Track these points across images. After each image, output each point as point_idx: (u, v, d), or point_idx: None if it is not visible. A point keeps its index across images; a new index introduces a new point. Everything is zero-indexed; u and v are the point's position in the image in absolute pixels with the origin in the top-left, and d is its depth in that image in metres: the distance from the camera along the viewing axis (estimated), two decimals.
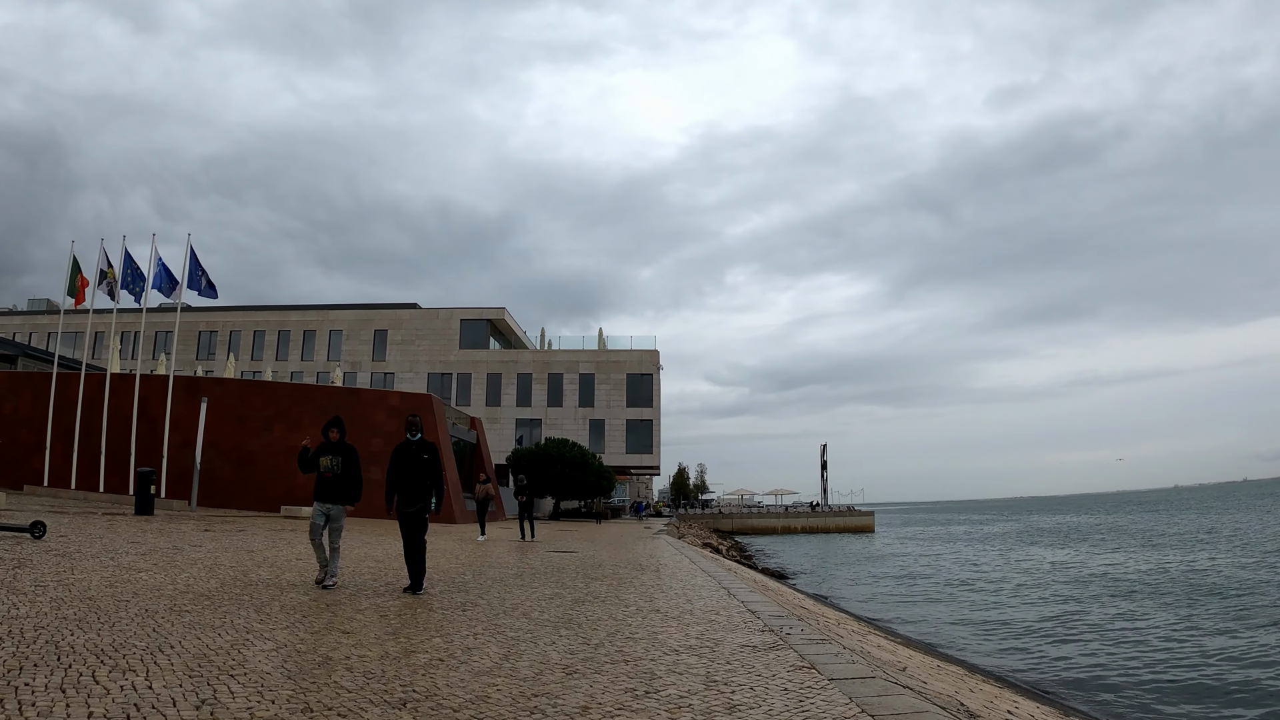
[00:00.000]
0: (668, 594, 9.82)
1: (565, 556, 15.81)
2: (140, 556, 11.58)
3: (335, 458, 9.29)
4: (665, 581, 11.38)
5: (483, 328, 64.84)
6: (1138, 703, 11.04)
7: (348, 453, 9.40)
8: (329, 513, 9.21)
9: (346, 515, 9.43)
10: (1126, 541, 46.34)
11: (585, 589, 10.03)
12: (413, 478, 9.12)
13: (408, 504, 9.15)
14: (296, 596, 8.31)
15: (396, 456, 9.24)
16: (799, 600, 13.75)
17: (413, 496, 9.14)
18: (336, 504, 9.27)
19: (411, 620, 7.24)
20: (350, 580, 10.11)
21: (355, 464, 9.39)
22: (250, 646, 5.75)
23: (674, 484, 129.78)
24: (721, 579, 12.03)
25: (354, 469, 9.35)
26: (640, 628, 7.18)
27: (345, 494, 9.29)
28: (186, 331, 67.32)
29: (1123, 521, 77.59)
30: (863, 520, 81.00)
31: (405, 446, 9.26)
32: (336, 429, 9.53)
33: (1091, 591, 23.50)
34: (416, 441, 9.30)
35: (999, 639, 15.90)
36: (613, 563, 14.62)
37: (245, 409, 34.86)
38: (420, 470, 9.14)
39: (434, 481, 9.31)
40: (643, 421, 62.88)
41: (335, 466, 9.25)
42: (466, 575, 11.37)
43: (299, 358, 65.29)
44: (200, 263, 31.42)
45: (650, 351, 64.26)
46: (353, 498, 9.35)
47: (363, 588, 9.43)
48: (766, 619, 7.86)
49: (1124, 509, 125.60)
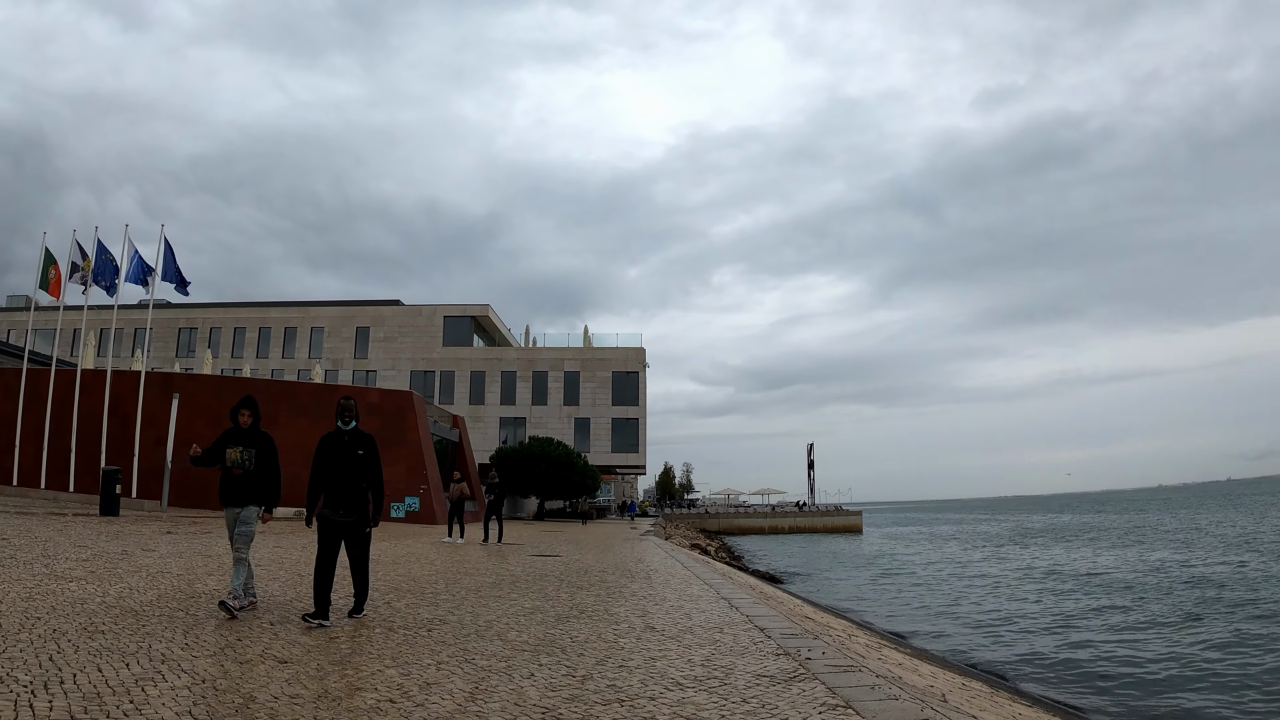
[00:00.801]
0: (663, 606, 8.78)
1: (548, 561, 14.75)
2: (80, 563, 10.47)
3: (246, 449, 7.44)
4: (658, 591, 10.35)
5: (466, 325, 63.63)
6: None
7: (262, 443, 7.60)
8: (238, 515, 7.41)
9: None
10: (1115, 540, 45.74)
11: (570, 601, 8.97)
12: (343, 478, 7.31)
13: (336, 512, 7.27)
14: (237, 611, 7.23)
15: (323, 451, 7.42)
16: (801, 610, 12.75)
17: (343, 501, 7.28)
18: (245, 506, 7.42)
19: (366, 644, 6.17)
20: (307, 594, 9.00)
21: (271, 456, 7.60)
22: (159, 682, 4.69)
23: (660, 484, 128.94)
24: (719, 587, 11.02)
25: (270, 463, 7.56)
26: (635, 652, 6.15)
27: (258, 493, 7.42)
28: (166, 328, 65.91)
29: (1110, 521, 77.22)
30: (850, 520, 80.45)
31: (334, 438, 7.47)
32: (248, 411, 7.62)
33: (1090, 592, 22.74)
34: (350, 432, 7.50)
35: (1007, 645, 15.01)
36: (600, 568, 13.58)
37: (221, 406, 33.32)
38: (353, 468, 7.34)
39: (372, 483, 7.51)
40: (628, 420, 61.83)
41: (246, 460, 7.39)
42: (439, 584, 10.29)
43: (280, 355, 63.92)
44: (174, 257, 30.25)
45: (636, 349, 63.21)
46: (268, 498, 7.53)
47: None
48: (779, 638, 6.84)
49: (1109, 509, 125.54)
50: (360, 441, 7.50)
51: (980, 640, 15.96)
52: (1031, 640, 15.74)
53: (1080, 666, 13.27)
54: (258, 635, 6.25)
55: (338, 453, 7.36)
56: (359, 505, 7.37)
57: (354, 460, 7.36)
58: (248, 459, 7.39)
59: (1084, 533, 57.83)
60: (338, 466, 7.31)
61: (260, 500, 7.46)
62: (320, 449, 7.45)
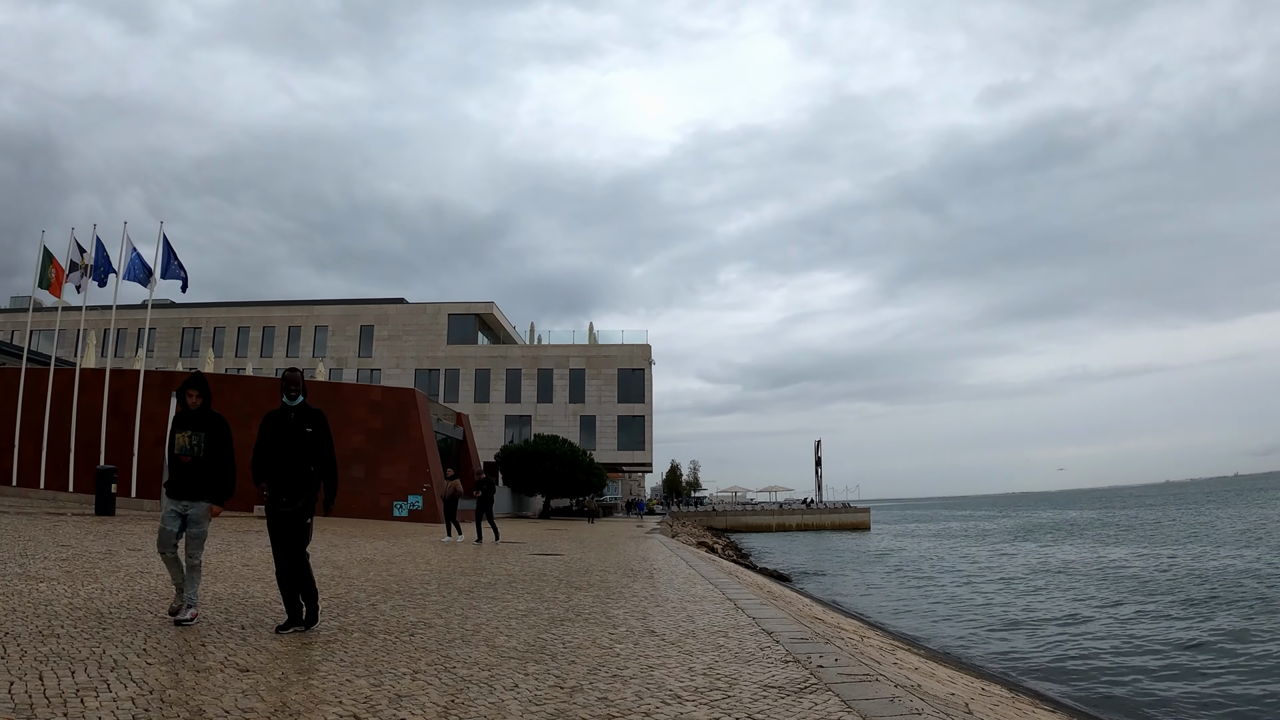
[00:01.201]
0: (664, 608, 8.29)
1: (549, 560, 14.28)
2: (58, 563, 10.03)
3: (196, 434, 6.47)
4: (660, 591, 9.86)
5: (471, 323, 63.23)
6: None
7: (213, 426, 6.60)
8: (186, 513, 6.42)
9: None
10: (1122, 536, 45.07)
11: (567, 603, 8.49)
12: (288, 460, 6.39)
13: (280, 499, 6.40)
14: (206, 614, 6.77)
15: (267, 430, 6.51)
16: (811, 609, 12.25)
17: (287, 487, 6.38)
18: (196, 500, 6.44)
19: (339, 651, 5.70)
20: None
21: (225, 442, 6.58)
22: (102, 692, 4.23)
23: (667, 481, 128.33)
24: (724, 587, 10.53)
25: (222, 450, 6.54)
26: (631, 659, 5.66)
27: (209, 487, 6.46)
28: (169, 328, 65.77)
29: (1119, 517, 76.45)
30: (858, 517, 79.88)
31: (280, 416, 6.54)
32: (196, 391, 6.64)
33: (1107, 588, 22.18)
34: (297, 408, 6.56)
35: (1020, 643, 14.49)
36: (601, 567, 13.10)
37: (220, 405, 32.96)
38: (299, 449, 6.42)
39: (322, 467, 6.58)
40: (635, 417, 61.35)
41: (196, 446, 6.42)
42: (430, 585, 9.82)
43: (284, 354, 63.63)
44: (175, 253, 29.90)
45: (642, 346, 62.72)
46: (220, 492, 6.53)
47: None
48: (787, 643, 6.36)
49: (1117, 505, 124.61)
50: (308, 418, 6.58)
51: (992, 639, 15.45)
52: (1045, 639, 15.23)
53: (1095, 665, 12.76)
54: (223, 640, 5.78)
55: (283, 432, 6.46)
56: (307, 491, 6.46)
57: (301, 440, 6.46)
58: (197, 445, 6.44)
59: (1093, 529, 57.20)
60: (283, 448, 6.41)
61: (212, 494, 6.50)
62: (264, 429, 6.53)
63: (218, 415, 6.71)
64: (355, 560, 12.66)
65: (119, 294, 29.28)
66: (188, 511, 6.42)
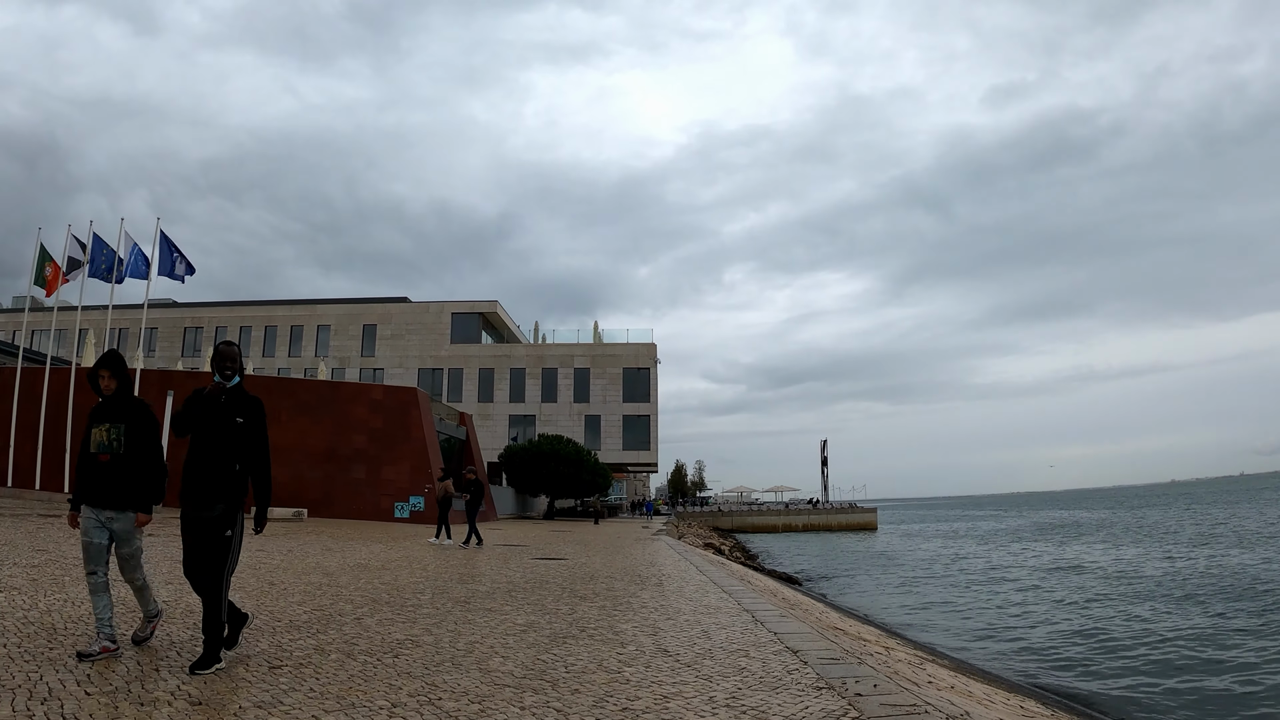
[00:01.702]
0: (676, 621, 7.60)
1: (552, 565, 13.59)
2: (27, 569, 9.38)
3: (114, 426, 5.27)
4: (671, 601, 9.17)
5: (475, 322, 62.61)
6: None
7: (136, 416, 5.36)
8: (112, 525, 5.22)
9: None
10: (1131, 536, 44.26)
11: (571, 615, 7.80)
12: (211, 453, 5.12)
13: (196, 501, 5.09)
14: (171, 630, 6.10)
15: (190, 414, 5.22)
16: (829, 618, 11.56)
17: (205, 487, 5.09)
18: (122, 510, 5.24)
19: (311, 677, 5.02)
20: (276, 606, 7.85)
21: (150, 435, 5.36)
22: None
23: (672, 481, 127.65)
24: (739, 596, 9.84)
25: (148, 444, 5.34)
26: (643, 686, 4.98)
27: (134, 491, 5.25)
28: (171, 328, 65.35)
29: (1127, 517, 75.57)
30: (865, 517, 79.30)
31: (209, 399, 5.22)
32: (109, 372, 5.38)
33: (1121, 591, 21.46)
34: (230, 391, 5.26)
35: (1038, 647, 13.80)
36: (607, 573, 12.41)
37: None
38: (226, 441, 5.15)
39: (254, 467, 5.34)
40: (640, 417, 60.66)
41: (115, 441, 5.24)
42: (424, 594, 9.14)
43: (286, 354, 63.14)
44: (174, 244, 29.34)
45: (647, 345, 62.02)
46: (147, 495, 5.30)
47: (281, 616, 7.17)
48: (816, 664, 5.67)
49: (1126, 504, 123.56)
50: (242, 405, 5.27)
51: (1008, 644, 14.75)
52: (1058, 641, 14.55)
53: (1113, 667, 12.06)
54: (182, 664, 5.10)
55: (209, 418, 5.16)
56: (228, 495, 5.13)
57: (230, 430, 5.17)
58: (116, 439, 5.22)
59: (1105, 529, 56.43)
60: (207, 437, 5.14)
61: (138, 499, 5.27)
62: (186, 411, 5.23)
63: (140, 402, 5.48)
64: (348, 566, 12.00)
65: (121, 293, 28.86)
66: (112, 524, 5.24)
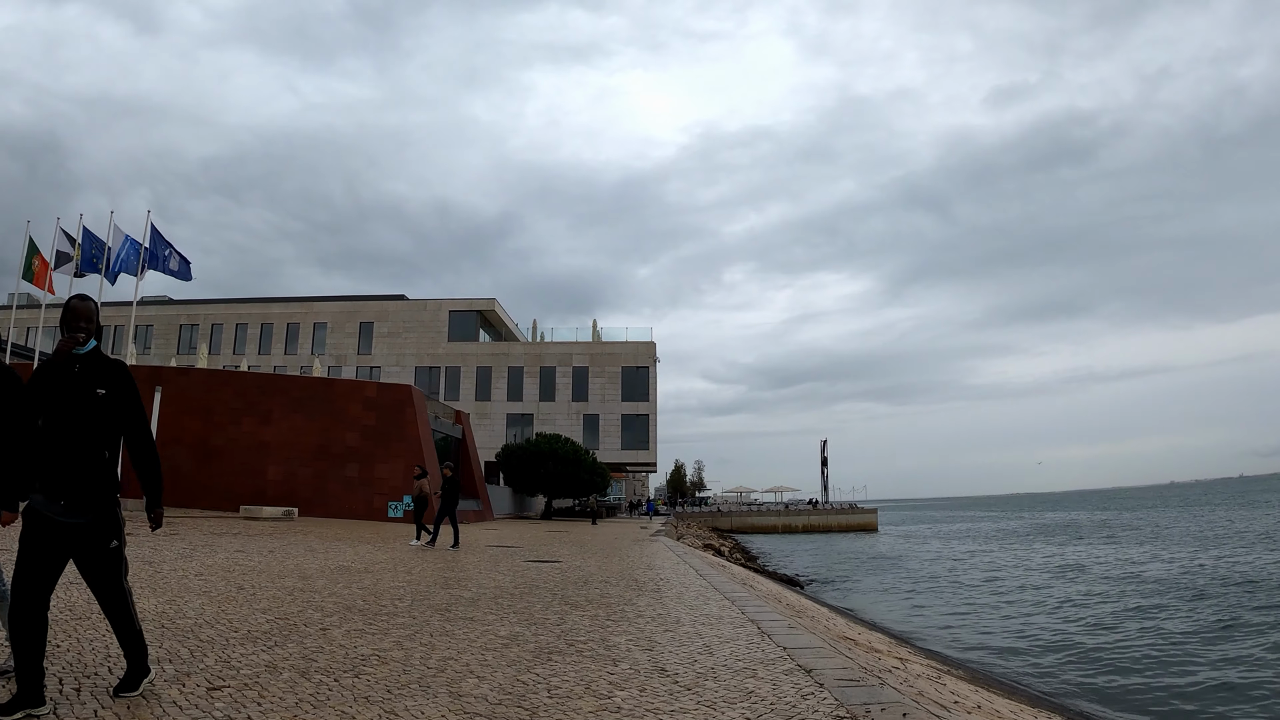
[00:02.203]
0: (675, 633, 6.93)
1: (544, 569, 12.92)
2: None
3: None
4: (670, 609, 8.50)
5: (472, 319, 61.95)
6: None
7: None
8: None
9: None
10: (1134, 536, 43.61)
11: (559, 626, 7.13)
12: (71, 438, 4.05)
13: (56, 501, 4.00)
14: (85, 641, 5.41)
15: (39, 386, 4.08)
16: (835, 624, 10.90)
17: (67, 482, 4.02)
18: None
19: (254, 701, 4.33)
20: (227, 621, 7.15)
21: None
22: None
23: (671, 481, 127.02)
24: (743, 603, 9.17)
25: None
26: (637, 714, 4.31)
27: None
28: (167, 325, 64.73)
29: (1128, 519, 74.96)
30: (865, 518, 78.80)
31: (61, 368, 4.12)
32: None
33: (1127, 591, 20.81)
34: (86, 357, 4.19)
35: (1053, 650, 13.15)
36: (602, 577, 11.75)
37: (211, 401, 32.07)
38: (88, 421, 4.08)
39: (133, 447, 4.28)
40: (639, 416, 60.01)
41: None
42: (402, 601, 8.47)
43: (282, 351, 62.51)
44: (167, 240, 28.68)
45: (646, 343, 61.35)
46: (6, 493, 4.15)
47: (240, 625, 6.48)
48: (833, 685, 5.01)
49: (1125, 505, 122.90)
50: (102, 373, 4.18)
51: (1023, 649, 14.09)
52: (1076, 645, 13.90)
53: (1120, 667, 11.40)
54: (100, 692, 4.43)
55: (62, 392, 4.06)
56: (98, 493, 4.09)
57: (91, 407, 4.09)
58: None
59: (1100, 531, 55.86)
60: (62, 418, 4.04)
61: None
62: (34, 384, 4.11)
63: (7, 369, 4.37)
64: (329, 568, 11.34)
65: (117, 288, 28.20)
66: None
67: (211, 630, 6.19)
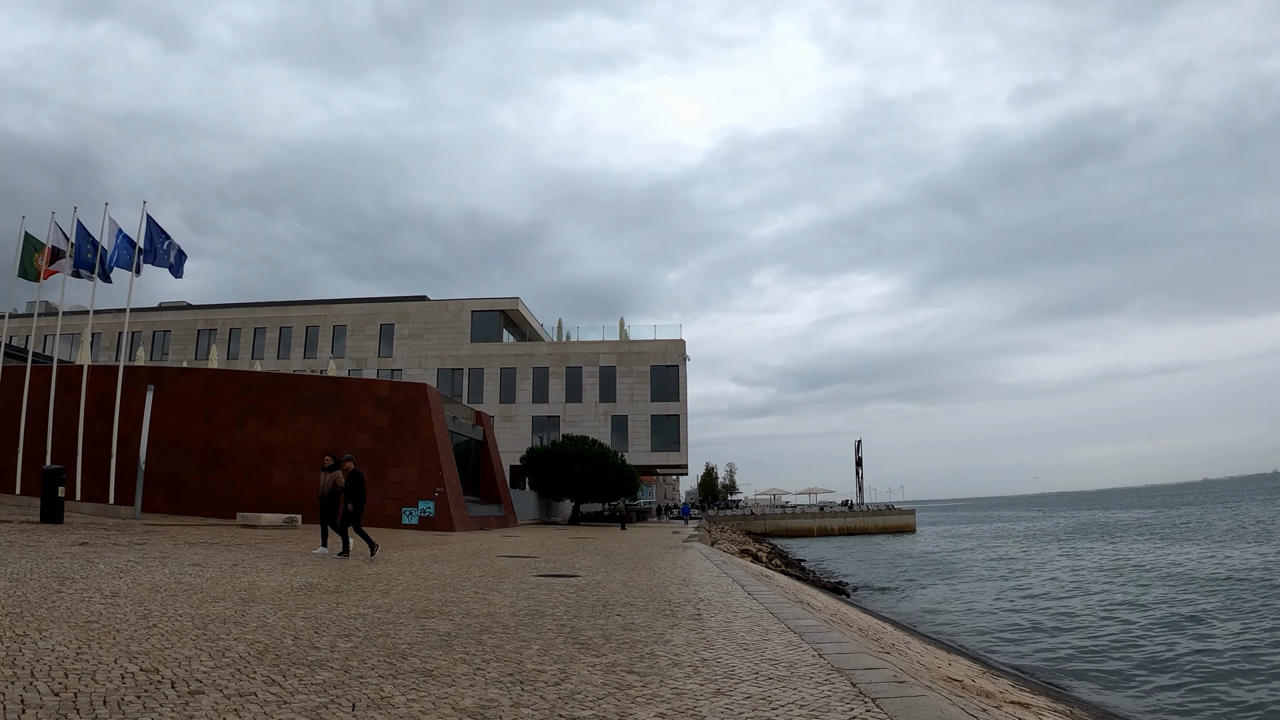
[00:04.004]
0: (731, 700, 4.58)
1: (557, 586, 10.62)
2: None
3: None
4: (718, 650, 6.17)
5: (495, 320, 59.93)
6: None
7: None
8: None
9: None
10: (1198, 535, 40.51)
11: (558, 687, 4.81)
12: None
13: None
14: None
15: None
16: (956, 669, 8.51)
17: None
18: None
19: None
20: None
21: None
22: None
23: (702, 485, 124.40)
24: (814, 636, 6.81)
25: None
26: None
27: None
28: (185, 330, 63.45)
29: (1174, 516, 71.43)
30: (903, 519, 76.39)
31: None
32: None
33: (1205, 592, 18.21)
34: None
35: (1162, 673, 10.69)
36: (627, 596, 9.45)
37: (214, 402, 30.27)
38: None
39: None
40: (669, 417, 57.59)
41: None
42: (353, 634, 6.20)
43: (301, 355, 60.87)
44: (164, 232, 26.83)
45: (675, 341, 58.95)
46: None
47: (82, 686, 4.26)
48: None
49: (1165, 503, 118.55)
50: None
51: (1124, 669, 11.63)
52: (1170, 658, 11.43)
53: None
54: None
55: None
56: None
57: None
58: None
59: (1153, 529, 52.82)
60: None
61: None
62: None
63: None
64: (287, 588, 9.14)
65: (128, 291, 26.39)
66: None
67: (33, 687, 3.99)
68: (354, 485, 14.33)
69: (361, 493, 14.40)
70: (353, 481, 14.33)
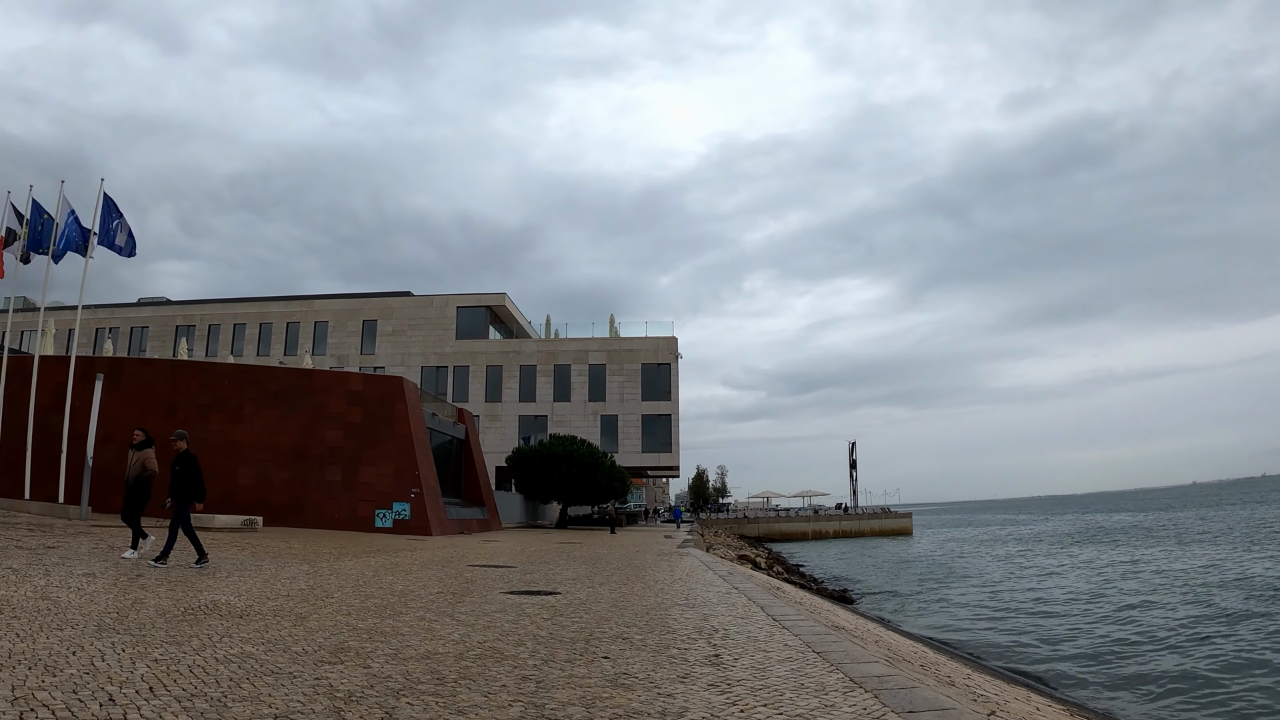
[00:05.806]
0: None
1: (528, 609, 8.48)
2: None
3: None
4: (751, 712, 4.12)
5: (481, 316, 57.76)
6: None
7: None
8: None
9: None
10: (1199, 537, 38.78)
11: None
12: None
13: None
14: None
15: None
16: (956, 677, 6.45)
17: None
18: None
19: None
20: None
21: None
22: None
23: (693, 487, 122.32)
24: (900, 701, 4.78)
25: None
26: None
27: None
28: (163, 326, 61.13)
29: (1165, 520, 70.01)
30: (899, 523, 74.97)
31: None
32: None
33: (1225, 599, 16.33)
34: None
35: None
36: (618, 625, 7.36)
37: (176, 395, 28.09)
38: None
39: None
40: (660, 417, 55.49)
41: None
42: (207, 693, 4.13)
43: (282, 351, 58.59)
44: (119, 211, 24.73)
45: (668, 338, 56.87)
46: None
47: None
48: None
49: (1155, 507, 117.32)
50: None
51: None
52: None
53: None
54: None
55: None
56: None
57: None
58: None
59: (1147, 532, 51.35)
60: None
61: None
62: None
63: None
64: (186, 608, 7.02)
65: (115, 290, 24.37)
66: None
67: None
68: (185, 472, 11.15)
69: (195, 482, 11.27)
70: (183, 466, 11.10)
